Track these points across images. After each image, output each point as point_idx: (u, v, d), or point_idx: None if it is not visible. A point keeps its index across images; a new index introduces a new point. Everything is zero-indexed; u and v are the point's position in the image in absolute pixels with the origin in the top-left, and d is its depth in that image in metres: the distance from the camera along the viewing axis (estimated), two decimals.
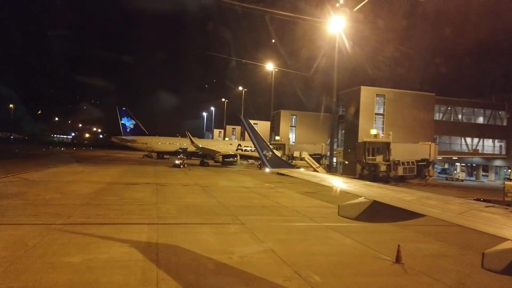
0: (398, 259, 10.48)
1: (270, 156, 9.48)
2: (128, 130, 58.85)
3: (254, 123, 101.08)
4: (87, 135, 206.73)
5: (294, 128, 77.39)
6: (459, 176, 54.78)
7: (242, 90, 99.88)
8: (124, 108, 59.23)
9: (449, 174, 58.76)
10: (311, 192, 26.89)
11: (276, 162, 9.47)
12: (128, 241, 11.29)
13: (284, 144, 67.46)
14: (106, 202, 18.24)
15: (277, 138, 69.42)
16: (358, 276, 9.57)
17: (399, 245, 10.69)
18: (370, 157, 39.30)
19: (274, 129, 77.55)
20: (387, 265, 10.37)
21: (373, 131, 41.21)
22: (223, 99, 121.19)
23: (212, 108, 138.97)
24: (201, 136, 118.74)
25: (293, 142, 73.61)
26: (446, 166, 64.70)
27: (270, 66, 74.35)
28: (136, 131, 59.16)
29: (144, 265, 9.15)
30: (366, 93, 48.83)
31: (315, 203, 22.32)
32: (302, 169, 12.15)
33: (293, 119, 77.62)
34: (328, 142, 71.99)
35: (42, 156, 62.21)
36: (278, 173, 9.78)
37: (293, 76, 77.97)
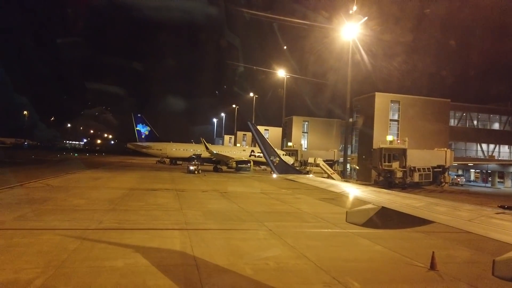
0: (432, 266, 10.51)
1: (277, 162, 9.62)
2: (143, 136, 59.52)
3: (265, 129, 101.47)
4: (98, 141, 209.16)
5: (306, 134, 77.41)
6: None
7: (253, 96, 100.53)
8: (139, 115, 60.01)
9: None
10: (329, 198, 26.88)
11: (283, 168, 9.59)
12: (164, 246, 11.52)
13: (296, 150, 67.52)
14: (132, 208, 18.54)
15: (289, 144, 69.50)
16: (396, 282, 9.64)
17: (433, 252, 10.73)
18: (387, 163, 39.17)
19: (286, 135, 77.65)
20: (422, 271, 10.41)
21: (389, 138, 41.09)
22: (234, 105, 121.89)
23: (223, 114, 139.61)
24: (211, 142, 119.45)
25: (305, 148, 73.59)
26: (460, 172, 64.07)
27: (282, 73, 74.77)
28: (151, 137, 59.80)
29: (185, 270, 9.35)
30: (381, 99, 48.75)
31: (336, 209, 22.34)
32: (311, 175, 12.26)
33: (305, 125, 77.67)
34: (340, 148, 72.02)
35: (58, 162, 63.15)
36: (285, 179, 9.85)
37: (304, 82, 78.24)
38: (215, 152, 53.11)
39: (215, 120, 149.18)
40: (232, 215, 18.21)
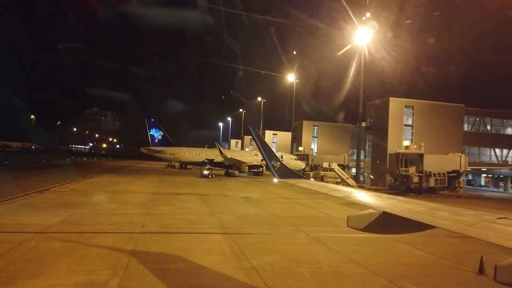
0: (481, 270, 10.65)
1: (278, 166, 9.76)
2: (156, 141, 59.97)
3: (273, 134, 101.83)
4: (104, 145, 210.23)
5: (316, 139, 77.61)
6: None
7: (261, 101, 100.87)
8: (152, 120, 60.49)
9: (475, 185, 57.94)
10: (350, 203, 27.00)
11: (284, 172, 9.60)
12: (214, 249, 11.75)
13: (307, 155, 67.71)
14: (166, 212, 18.79)
15: (300, 148, 69.66)
16: (451, 286, 9.81)
17: (482, 257, 10.88)
18: (403, 168, 39.25)
19: (296, 140, 77.83)
20: (471, 276, 10.57)
21: (406, 143, 41.21)
22: (241, 110, 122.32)
23: (229, 119, 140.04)
24: (210, 146, 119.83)
25: (315, 153, 73.75)
26: (470, 177, 63.96)
27: (291, 78, 75.10)
28: (164, 141, 60.22)
29: (245, 273, 9.55)
30: (395, 104, 48.95)
31: None
32: (311, 180, 12.33)
33: (315, 130, 77.90)
34: (350, 153, 72.12)
35: (71, 166, 63.64)
36: (286, 183, 9.89)
37: (313, 87, 78.49)
38: (229, 156, 53.39)
39: (221, 124, 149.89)
40: (264, 219, 18.42)
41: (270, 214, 20.12)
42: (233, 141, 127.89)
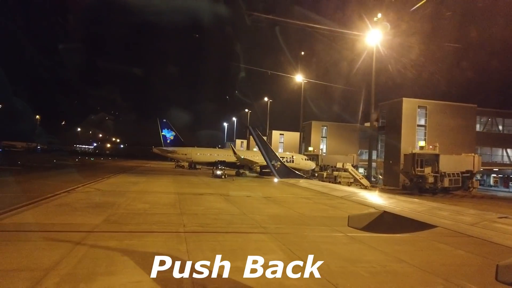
0: None
1: (278, 166, 9.94)
2: (168, 141, 60.27)
3: (280, 134, 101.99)
4: (108, 145, 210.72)
5: (325, 139, 77.82)
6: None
7: (268, 101, 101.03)
8: (164, 120, 60.84)
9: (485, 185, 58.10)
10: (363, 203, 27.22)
11: (285, 172, 9.79)
12: (264, 248, 11.99)
13: (317, 155, 67.90)
14: (198, 212, 19.04)
15: (310, 149, 69.88)
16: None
17: None
18: (419, 168, 39.45)
19: (305, 140, 78.04)
20: None
21: (422, 143, 41.41)
22: (246, 110, 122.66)
23: (234, 119, 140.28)
24: (222, 146, 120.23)
25: (324, 153, 73.95)
26: (479, 176, 64.13)
27: (299, 78, 75.20)
28: (175, 142, 60.53)
29: (306, 272, 9.78)
30: (408, 104, 49.13)
31: None
32: (313, 179, 12.34)
33: (324, 130, 78.11)
34: (359, 153, 72.33)
35: (83, 167, 64.02)
36: (287, 183, 9.99)
37: (322, 87, 78.58)
38: (242, 157, 53.67)
39: (225, 124, 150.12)
40: (297, 220, 18.67)
41: (300, 215, 20.36)
42: (238, 141, 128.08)
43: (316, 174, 61.74)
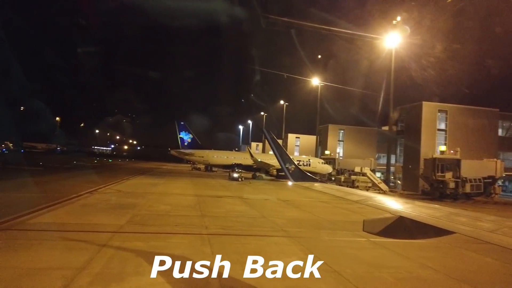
0: None
1: (293, 169, 9.77)
2: (186, 143, 60.85)
3: (296, 137, 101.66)
4: (125, 147, 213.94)
5: (341, 143, 77.25)
6: None
7: (284, 104, 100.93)
8: (182, 123, 61.42)
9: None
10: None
11: (299, 176, 9.62)
12: (287, 252, 11.97)
13: (334, 159, 67.41)
14: (219, 214, 19.14)
15: (326, 152, 69.47)
16: None
17: None
18: (440, 173, 38.74)
19: (321, 143, 77.60)
20: None
21: (442, 148, 40.68)
22: (262, 113, 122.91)
23: (249, 122, 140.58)
24: (238, 149, 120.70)
25: (341, 157, 73.37)
26: (500, 182, 62.54)
27: (316, 81, 74.88)
28: (193, 144, 61.05)
29: (332, 276, 9.73)
30: (428, 108, 48.38)
31: None
32: (327, 183, 12.13)
33: (341, 134, 77.56)
34: (376, 157, 71.45)
35: (101, 168, 65.17)
36: (301, 186, 9.83)
37: (338, 90, 77.98)
38: (259, 160, 53.73)
39: (241, 127, 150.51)
40: (318, 224, 18.57)
41: (320, 219, 20.25)
42: (253, 144, 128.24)
43: (333, 178, 61.27)
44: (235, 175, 49.97)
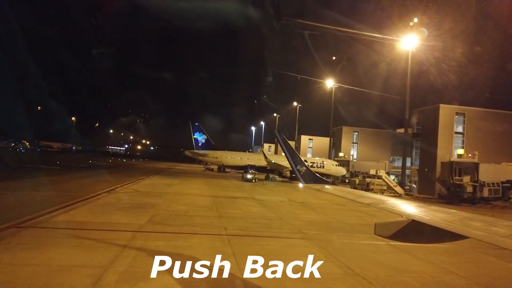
0: None
1: (304, 171, 9.63)
2: (200, 144, 61.24)
3: (309, 139, 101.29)
4: (139, 147, 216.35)
5: (355, 145, 76.70)
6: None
7: (297, 105, 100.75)
8: (196, 124, 61.87)
9: None
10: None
11: (310, 178, 9.56)
12: (307, 254, 11.94)
13: (348, 161, 67.02)
14: (236, 215, 19.21)
15: (340, 154, 69.10)
16: None
17: None
18: (457, 177, 38.16)
19: (335, 145, 77.20)
20: None
21: (460, 151, 40.07)
22: (275, 114, 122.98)
23: (262, 123, 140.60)
24: (250, 150, 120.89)
25: (355, 159, 72.86)
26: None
27: (330, 83, 74.48)
28: (207, 145, 61.41)
29: (355, 279, 9.69)
30: (445, 111, 47.69)
31: None
32: (339, 186, 11.99)
33: (355, 136, 77.02)
34: (390, 159, 70.72)
35: (117, 167, 66.04)
36: (312, 188, 9.72)
37: (352, 92, 77.38)
38: (273, 161, 53.74)
39: (253, 128, 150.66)
40: (335, 226, 18.49)
41: (337, 221, 20.15)
42: (266, 145, 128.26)
43: (347, 181, 60.89)
44: (249, 176, 50.09)
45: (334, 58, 76.48)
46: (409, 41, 44.93)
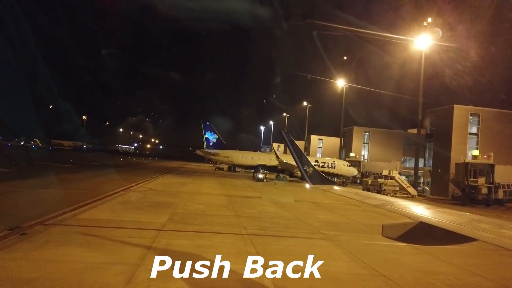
0: None
1: (311, 172, 9.53)
2: (211, 144, 61.49)
3: (319, 139, 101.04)
4: (148, 146, 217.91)
5: (366, 145, 76.30)
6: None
7: (307, 105, 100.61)
8: (208, 123, 62.10)
9: None
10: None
11: (317, 178, 9.54)
12: (331, 255, 11.96)
13: (359, 161, 66.74)
14: (253, 215, 19.27)
15: (351, 155, 68.81)
16: None
17: None
18: (472, 178, 37.77)
19: (346, 146, 76.89)
20: None
21: (475, 152, 39.65)
22: (284, 114, 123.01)
23: (271, 123, 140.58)
24: (258, 149, 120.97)
25: (366, 159, 72.51)
26: None
27: (341, 83, 74.15)
28: (218, 144, 61.62)
29: (382, 280, 9.68)
30: (460, 112, 47.24)
31: None
32: (346, 187, 11.88)
33: (366, 136, 76.60)
34: (402, 160, 70.23)
35: (128, 166, 66.59)
36: (319, 189, 9.66)
37: (363, 92, 77.00)
38: (284, 161, 53.72)
39: (262, 128, 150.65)
40: (353, 227, 18.47)
41: (355, 222, 20.11)
42: (275, 145, 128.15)
43: (358, 181, 60.66)
44: (260, 176, 50.16)
45: (345, 58, 76.27)
46: (423, 41, 44.60)
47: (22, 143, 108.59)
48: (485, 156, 38.47)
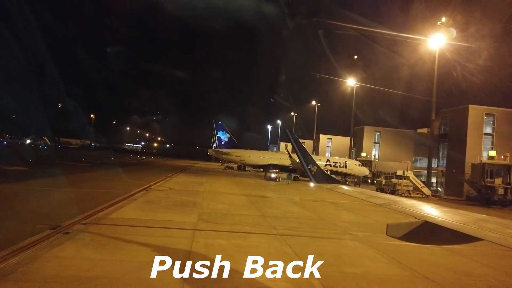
0: None
1: (315, 170, 9.50)
2: (223, 143, 61.69)
3: (328, 138, 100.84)
4: (155, 144, 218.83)
5: (377, 145, 76.00)
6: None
7: (315, 104, 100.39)
8: (220, 122, 62.34)
9: None
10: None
11: (322, 177, 9.58)
12: (367, 255, 12.01)
13: (370, 161, 66.56)
14: (277, 215, 19.34)
15: (362, 154, 68.63)
16: None
17: None
18: (488, 179, 37.55)
19: (356, 145, 76.68)
20: None
21: (492, 152, 39.42)
22: (292, 113, 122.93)
23: (279, 122, 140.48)
24: (265, 148, 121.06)
25: (376, 159, 72.23)
26: None
27: (351, 82, 73.90)
28: (230, 144, 61.79)
29: (424, 281, 9.72)
30: (474, 112, 46.95)
31: None
32: (351, 186, 11.85)
33: (376, 136, 76.29)
34: (413, 160, 69.89)
35: (140, 165, 67.00)
36: (324, 188, 9.61)
37: (374, 92, 76.66)
38: (297, 160, 53.73)
39: (269, 127, 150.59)
40: (377, 227, 18.36)
41: (378, 222, 20.02)
42: (282, 144, 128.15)
43: (369, 181, 60.55)
44: (273, 175, 50.27)
45: (355, 57, 76.05)
46: (436, 41, 44.38)
47: (28, 141, 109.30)
48: (502, 157, 38.21)
